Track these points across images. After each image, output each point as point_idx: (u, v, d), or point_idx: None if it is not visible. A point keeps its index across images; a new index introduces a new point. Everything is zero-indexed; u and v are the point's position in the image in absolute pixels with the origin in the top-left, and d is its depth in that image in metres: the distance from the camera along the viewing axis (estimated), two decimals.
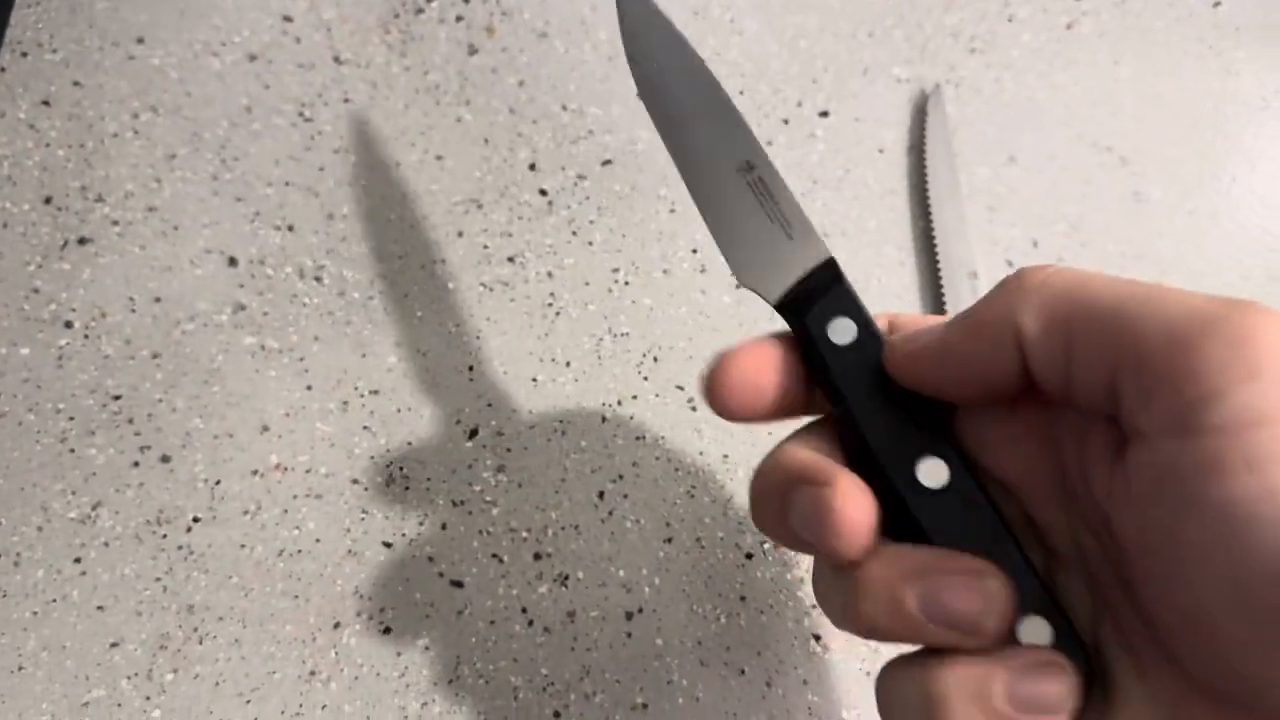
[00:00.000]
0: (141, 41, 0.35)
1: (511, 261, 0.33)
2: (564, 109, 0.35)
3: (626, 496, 0.30)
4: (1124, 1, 0.39)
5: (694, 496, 0.30)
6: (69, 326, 0.31)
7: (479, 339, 0.32)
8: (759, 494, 0.20)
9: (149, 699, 0.27)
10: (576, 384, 0.32)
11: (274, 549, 0.29)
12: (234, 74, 0.34)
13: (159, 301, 0.31)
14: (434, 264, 0.33)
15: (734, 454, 0.31)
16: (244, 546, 0.29)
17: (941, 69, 0.37)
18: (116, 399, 0.30)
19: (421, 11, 0.36)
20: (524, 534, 0.30)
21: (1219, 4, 0.39)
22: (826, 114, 0.36)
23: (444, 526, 0.29)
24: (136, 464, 0.29)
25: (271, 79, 0.35)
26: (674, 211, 0.34)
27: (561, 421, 0.31)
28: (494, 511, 0.30)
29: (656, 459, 0.31)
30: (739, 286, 0.33)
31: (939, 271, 0.33)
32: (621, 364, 0.32)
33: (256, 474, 0.30)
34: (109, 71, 0.34)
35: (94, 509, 0.29)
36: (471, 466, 0.30)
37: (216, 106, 0.34)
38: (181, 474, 0.29)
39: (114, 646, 0.27)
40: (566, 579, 0.29)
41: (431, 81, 0.35)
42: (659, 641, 0.28)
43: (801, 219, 0.22)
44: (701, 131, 0.22)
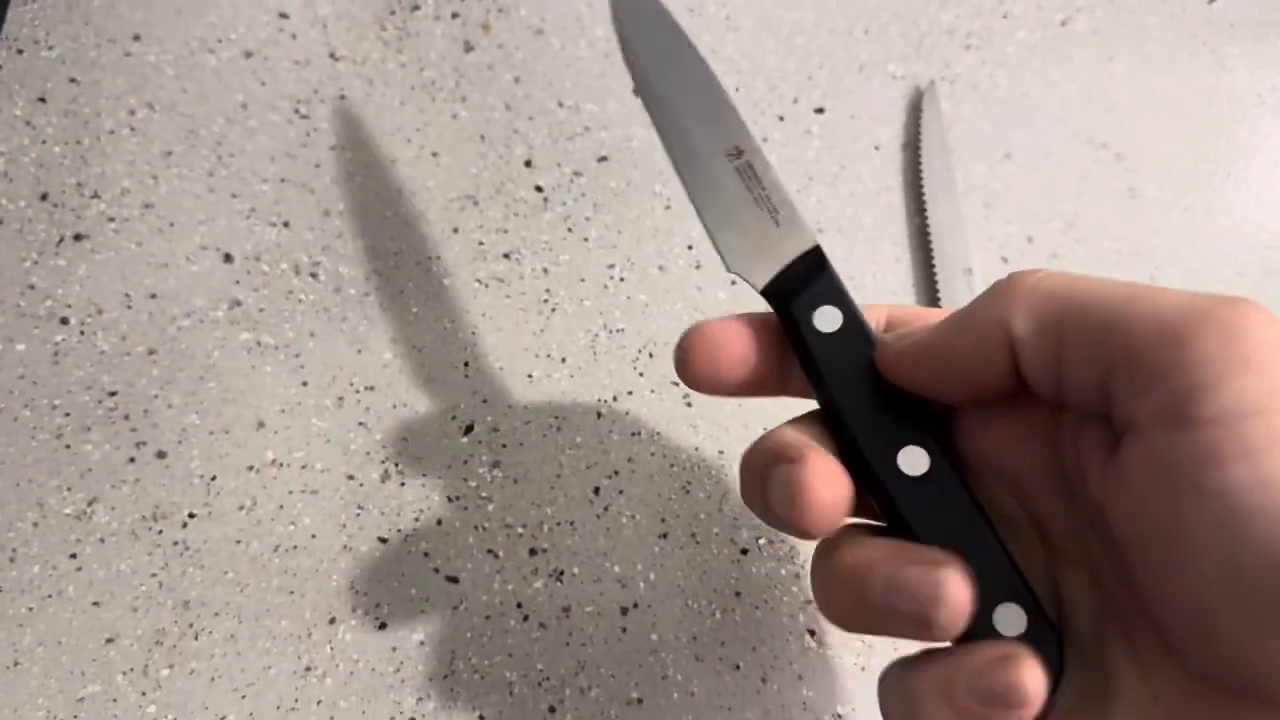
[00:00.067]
0: (138, 39, 0.35)
1: (507, 258, 0.33)
2: (560, 105, 0.35)
3: (622, 492, 0.30)
4: None
5: (689, 492, 0.30)
6: (65, 323, 0.31)
7: (474, 335, 0.32)
8: (744, 471, 0.21)
9: (145, 694, 0.27)
10: (572, 380, 0.32)
11: (270, 545, 0.29)
12: (230, 71, 0.34)
13: (155, 298, 0.31)
14: (429, 260, 0.33)
15: (729, 450, 0.31)
16: (240, 542, 0.29)
17: (937, 66, 0.37)
18: (112, 395, 0.30)
19: (417, 8, 0.36)
20: (519, 529, 0.30)
21: (1213, 1, 0.39)
22: (822, 110, 0.36)
23: (439, 522, 0.29)
24: (132, 460, 0.29)
25: (267, 76, 0.35)
26: (669, 208, 0.34)
27: (557, 417, 0.31)
28: (489, 507, 0.30)
29: (652, 455, 0.31)
30: (732, 279, 0.33)
31: (934, 268, 0.33)
32: (617, 360, 0.32)
33: (252, 470, 0.30)
34: (105, 68, 0.34)
35: (90, 505, 0.29)
36: (467, 462, 0.30)
37: (212, 103, 0.34)
38: (177, 470, 0.29)
39: (110, 642, 0.27)
40: (562, 574, 0.29)
41: (427, 78, 0.35)
42: (654, 637, 0.28)
43: (789, 206, 0.22)
44: (691, 115, 0.22)
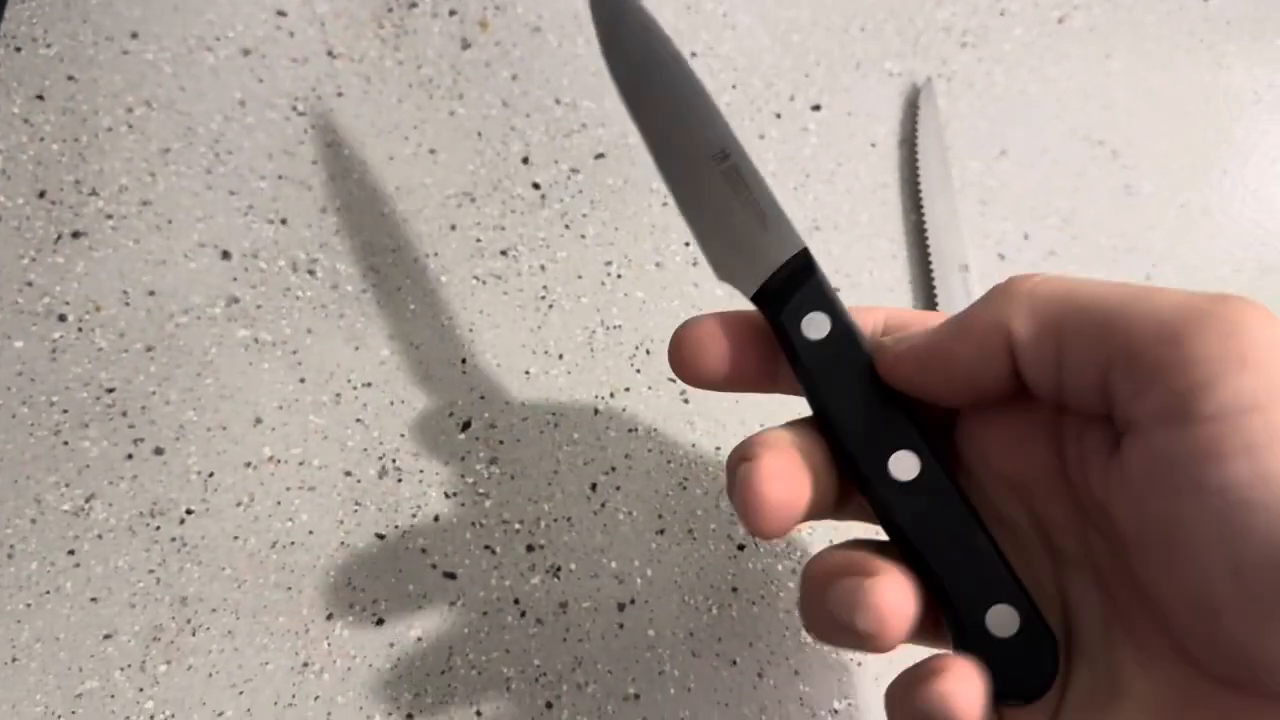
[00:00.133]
0: (136, 36, 0.35)
1: (504, 255, 0.33)
2: (557, 103, 0.35)
3: (619, 488, 0.30)
4: None
5: (686, 488, 0.30)
6: (63, 319, 0.31)
7: (472, 332, 0.32)
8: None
9: (142, 690, 0.27)
10: (569, 376, 0.32)
11: (267, 541, 0.29)
12: (228, 68, 0.35)
13: (153, 295, 0.31)
14: (427, 257, 0.33)
15: (726, 446, 0.31)
16: (237, 538, 0.29)
17: (933, 63, 0.37)
18: (110, 392, 0.30)
19: (415, 6, 0.36)
20: (517, 526, 0.30)
21: None
22: (819, 108, 0.36)
23: (437, 518, 0.30)
24: (130, 456, 0.30)
25: (265, 73, 0.35)
26: (666, 205, 0.34)
27: (554, 414, 0.31)
28: (487, 503, 0.30)
29: (649, 451, 0.31)
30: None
31: (930, 265, 0.33)
32: (614, 357, 0.32)
33: (250, 466, 0.30)
34: (103, 66, 0.34)
35: (87, 501, 0.29)
36: (464, 459, 0.30)
37: (210, 101, 0.34)
38: (175, 466, 0.30)
39: (107, 638, 0.28)
40: (559, 570, 0.29)
41: (425, 75, 0.35)
42: (651, 632, 0.29)
43: (776, 208, 0.21)
44: (675, 120, 0.22)
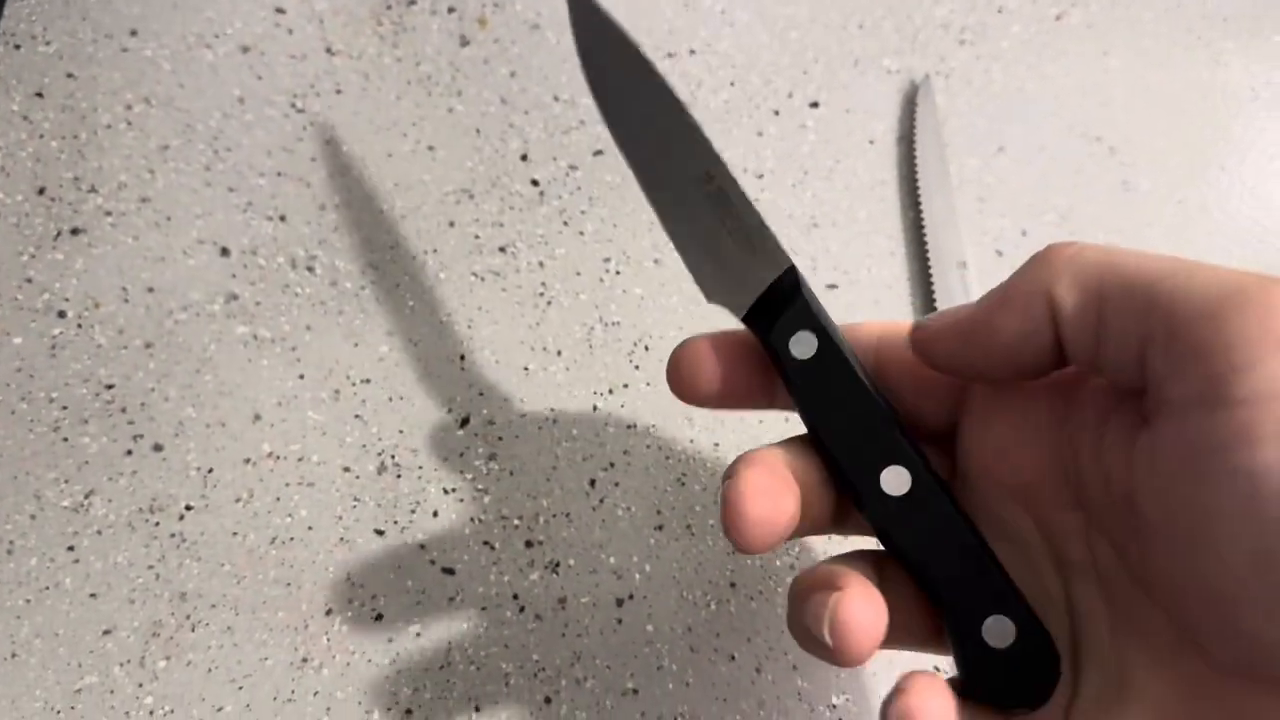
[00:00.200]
0: (135, 34, 0.35)
1: (503, 251, 0.33)
2: (556, 100, 0.35)
3: (617, 484, 0.30)
4: None
5: (684, 484, 0.30)
6: (62, 316, 0.31)
7: (470, 328, 0.32)
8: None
9: (141, 686, 0.27)
10: (568, 373, 0.32)
11: (266, 537, 0.29)
12: (227, 66, 0.35)
13: (152, 291, 0.31)
14: (426, 254, 0.33)
15: (724, 442, 0.31)
16: (236, 534, 0.29)
17: (931, 60, 0.37)
18: (109, 388, 0.30)
19: (414, 3, 0.36)
20: (515, 521, 0.30)
21: None
22: (817, 105, 0.36)
23: (435, 514, 0.30)
24: (129, 452, 0.30)
25: (264, 70, 0.35)
26: None
27: (553, 410, 0.31)
28: (485, 499, 0.30)
29: (647, 447, 0.31)
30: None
31: (928, 261, 0.33)
32: (613, 353, 0.32)
33: (249, 462, 0.30)
34: (102, 63, 0.34)
35: (87, 497, 0.29)
36: (463, 455, 0.30)
37: (209, 98, 0.34)
38: (174, 462, 0.30)
39: (107, 634, 0.28)
40: (557, 566, 0.29)
41: (423, 72, 0.35)
42: (649, 628, 0.29)
43: (762, 228, 0.22)
44: (660, 146, 0.22)
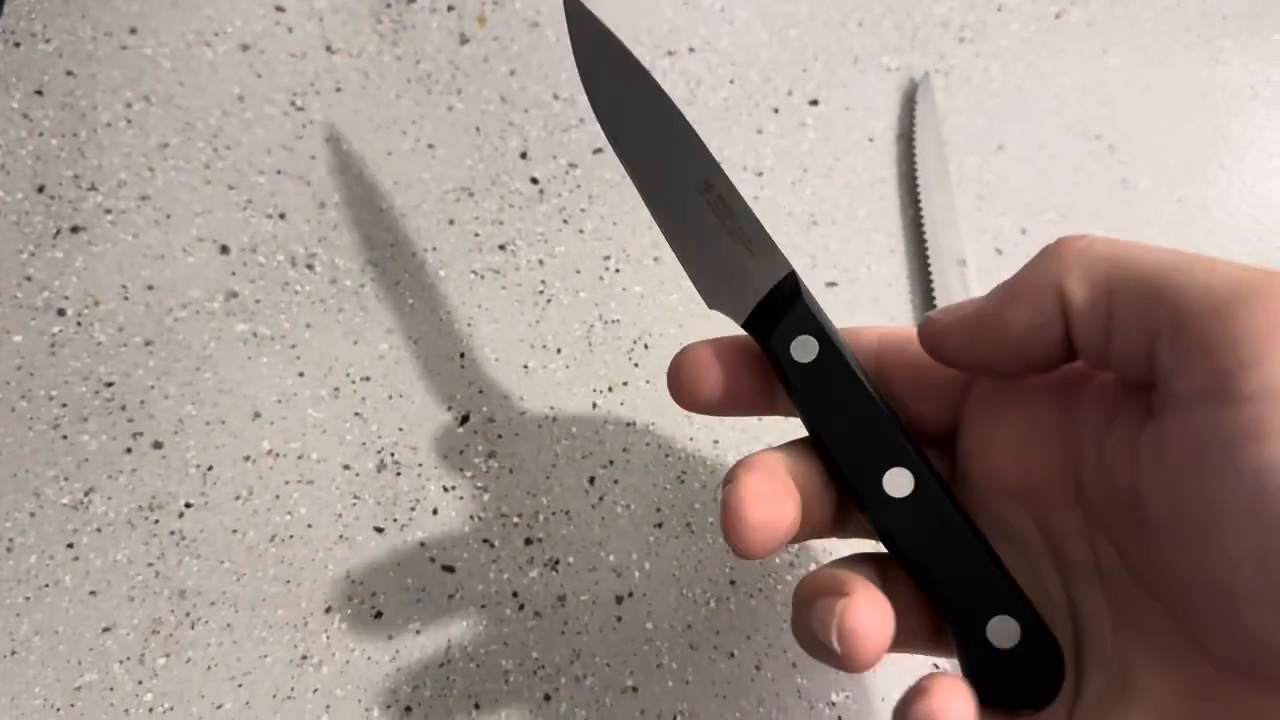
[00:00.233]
0: (134, 32, 0.35)
1: (503, 249, 0.33)
2: (555, 98, 0.35)
3: (617, 482, 0.30)
4: None
5: (684, 482, 0.30)
6: (62, 314, 0.31)
7: (470, 326, 0.32)
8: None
9: (141, 683, 0.27)
10: (567, 371, 0.32)
11: (266, 534, 0.29)
12: (226, 64, 0.35)
13: (151, 289, 0.31)
14: (425, 252, 0.33)
15: (724, 440, 0.31)
16: (236, 532, 0.29)
17: (931, 58, 0.37)
18: (109, 386, 0.30)
19: (413, 1, 0.36)
20: (515, 519, 0.30)
21: None
22: (816, 102, 0.36)
23: (435, 512, 0.30)
24: (129, 450, 0.30)
25: (264, 68, 0.35)
26: None
27: (552, 408, 0.31)
28: (485, 497, 0.30)
29: (647, 445, 0.31)
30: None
31: (928, 259, 0.33)
32: (612, 351, 0.32)
33: (248, 460, 0.30)
34: (102, 61, 0.34)
35: (86, 495, 0.29)
36: (463, 452, 0.30)
37: (209, 96, 0.34)
38: (174, 460, 0.30)
39: (106, 631, 0.28)
40: (557, 564, 0.29)
41: (423, 70, 0.35)
42: (649, 625, 0.29)
43: (762, 234, 0.22)
44: (660, 155, 0.22)
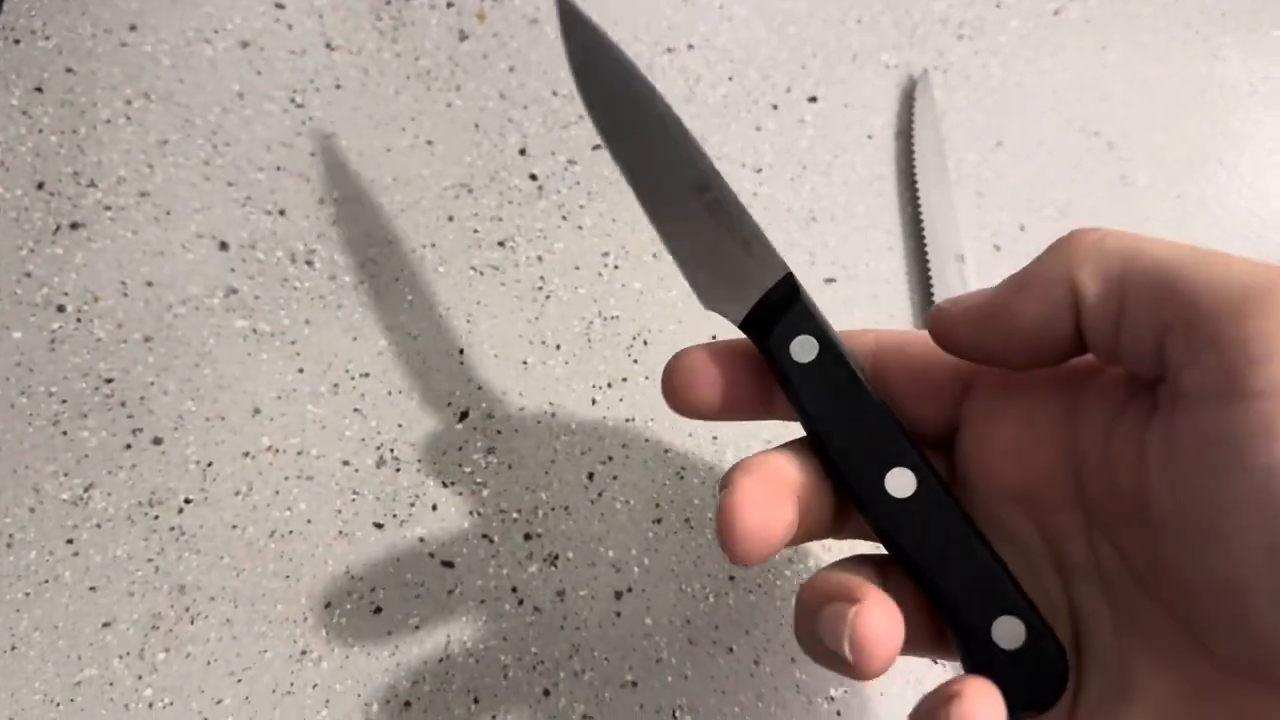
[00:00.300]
0: (134, 29, 0.35)
1: (502, 246, 0.33)
2: (554, 94, 0.35)
3: (616, 478, 0.30)
4: None
5: (683, 478, 0.30)
6: (61, 310, 0.31)
7: (469, 322, 0.32)
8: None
9: (141, 678, 0.27)
10: (567, 367, 0.32)
11: (265, 530, 0.29)
12: (226, 61, 0.35)
13: (151, 286, 0.31)
14: (424, 248, 0.33)
15: (723, 435, 0.31)
16: (235, 527, 0.29)
17: (930, 55, 0.37)
18: (109, 382, 0.30)
19: None
20: (514, 515, 0.30)
21: None
22: (815, 99, 0.36)
23: (434, 507, 0.30)
24: (129, 446, 0.30)
25: (263, 65, 0.35)
26: None
27: (551, 404, 0.31)
28: (484, 493, 0.30)
29: (646, 441, 0.31)
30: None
31: (926, 255, 0.33)
32: (611, 347, 0.32)
33: (248, 456, 0.30)
34: (102, 58, 0.34)
35: (86, 491, 0.29)
36: (462, 448, 0.30)
37: (208, 93, 0.34)
38: (173, 456, 0.30)
39: (106, 626, 0.28)
40: (556, 559, 0.29)
41: (422, 67, 0.35)
42: (648, 620, 0.29)
43: (758, 235, 0.22)
44: (655, 157, 0.22)
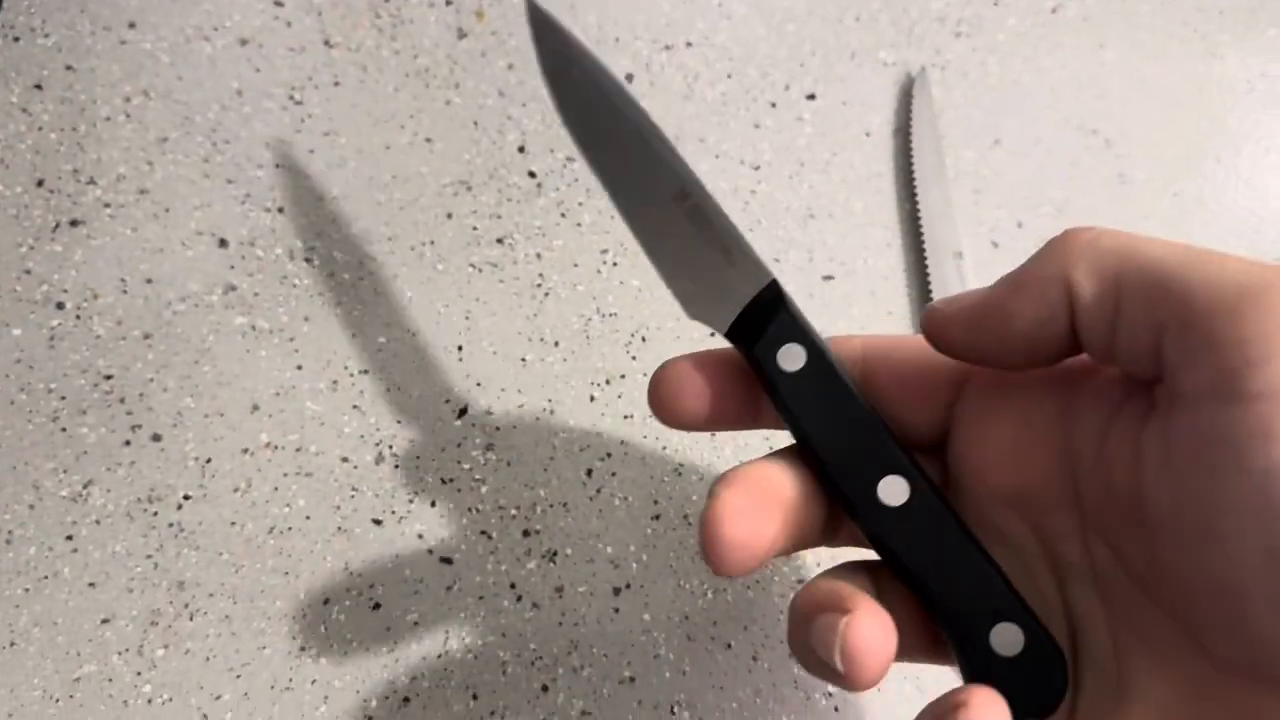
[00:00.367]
0: (133, 26, 0.35)
1: (500, 243, 0.33)
2: None
3: (614, 474, 0.30)
4: None
5: (681, 474, 0.31)
6: (61, 307, 0.31)
7: (468, 319, 0.32)
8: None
9: (140, 674, 0.27)
10: (565, 363, 0.32)
11: (264, 526, 0.29)
12: (225, 58, 0.35)
13: (150, 283, 0.32)
14: (423, 245, 0.33)
15: (721, 433, 0.31)
16: (234, 524, 0.29)
17: (927, 53, 0.37)
18: (108, 379, 0.30)
19: None
20: (513, 511, 0.30)
21: None
22: (814, 97, 0.36)
23: (433, 504, 0.30)
24: (128, 443, 0.30)
25: (262, 63, 0.35)
26: None
27: (550, 400, 0.31)
28: (483, 489, 0.30)
29: (644, 437, 0.31)
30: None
31: (924, 253, 0.34)
32: (610, 344, 0.32)
33: (247, 452, 0.30)
34: (101, 56, 0.34)
35: (85, 487, 0.29)
36: (460, 445, 0.30)
37: (208, 90, 0.34)
38: (172, 452, 0.30)
39: (105, 623, 0.28)
40: (555, 555, 0.29)
41: (421, 65, 0.35)
42: (646, 616, 0.29)
43: (740, 243, 0.21)
44: (632, 166, 0.22)
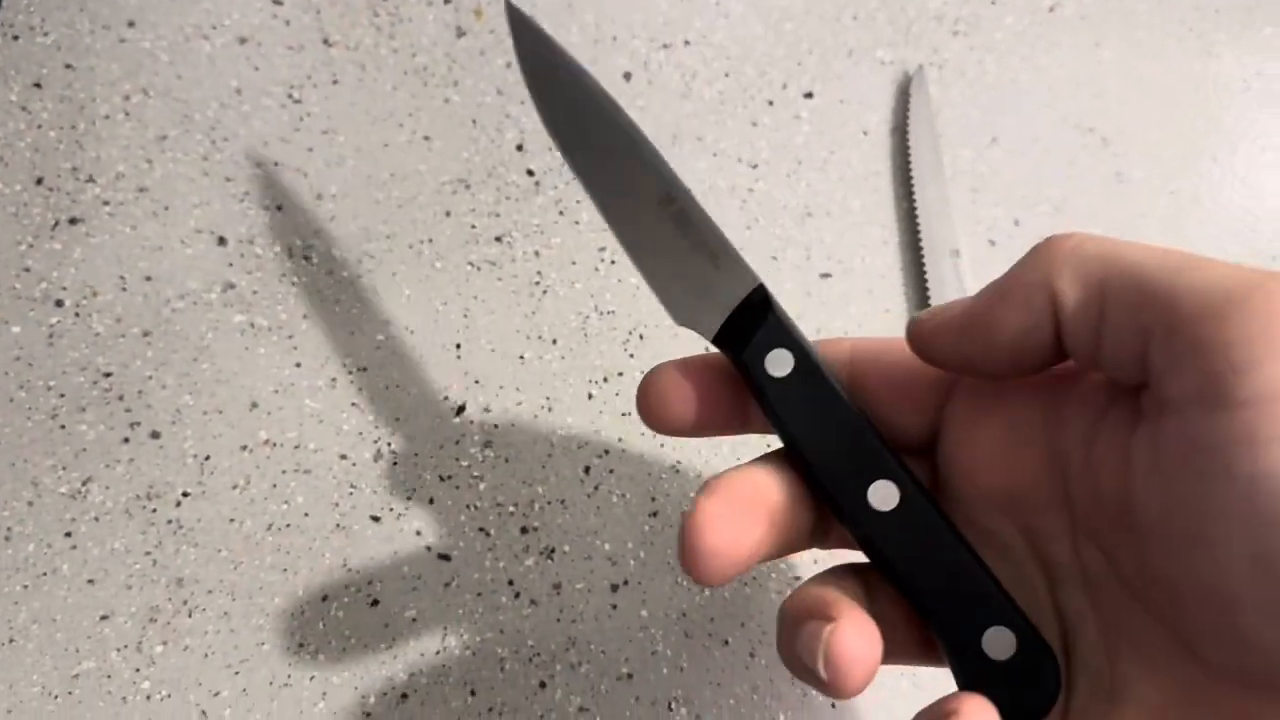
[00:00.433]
0: (132, 25, 0.35)
1: (499, 241, 0.33)
2: None
3: (612, 471, 0.30)
4: None
5: (679, 471, 0.31)
6: (60, 305, 0.31)
7: (466, 317, 0.32)
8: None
9: (139, 671, 0.27)
10: (563, 361, 0.32)
11: (263, 523, 0.29)
12: (224, 57, 0.35)
13: (149, 280, 0.32)
14: (422, 243, 0.33)
15: None
16: (233, 521, 0.29)
17: (925, 51, 0.38)
18: (107, 376, 0.30)
19: None
20: (511, 508, 0.30)
21: None
22: (811, 95, 0.36)
23: (431, 501, 0.30)
24: (127, 440, 0.30)
25: (261, 61, 0.35)
26: None
27: (548, 398, 0.31)
28: (481, 486, 0.30)
29: (642, 434, 0.31)
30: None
31: (921, 251, 0.34)
32: (608, 341, 0.32)
33: (246, 450, 0.30)
34: (100, 54, 0.34)
35: (84, 484, 0.29)
36: (459, 442, 0.31)
37: (207, 88, 0.34)
38: (171, 450, 0.30)
39: (104, 619, 0.28)
40: (553, 552, 0.29)
41: (419, 63, 0.35)
42: (644, 613, 0.29)
43: (726, 247, 0.21)
44: (617, 171, 0.22)
